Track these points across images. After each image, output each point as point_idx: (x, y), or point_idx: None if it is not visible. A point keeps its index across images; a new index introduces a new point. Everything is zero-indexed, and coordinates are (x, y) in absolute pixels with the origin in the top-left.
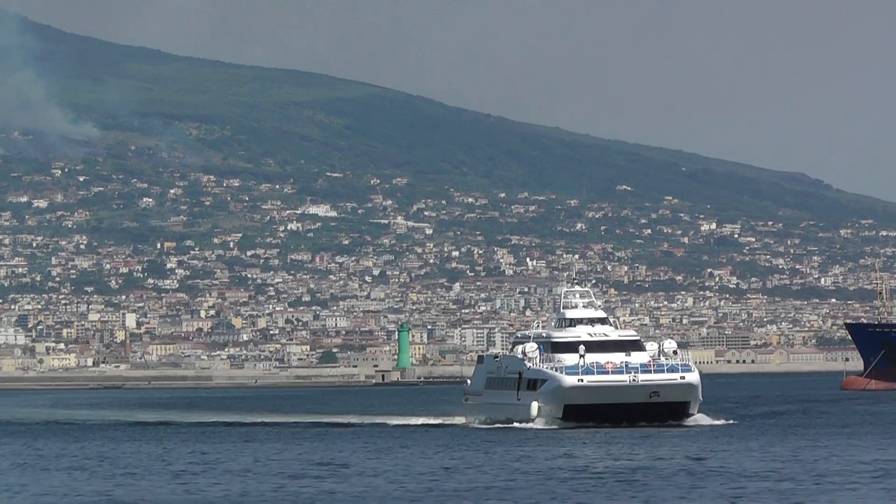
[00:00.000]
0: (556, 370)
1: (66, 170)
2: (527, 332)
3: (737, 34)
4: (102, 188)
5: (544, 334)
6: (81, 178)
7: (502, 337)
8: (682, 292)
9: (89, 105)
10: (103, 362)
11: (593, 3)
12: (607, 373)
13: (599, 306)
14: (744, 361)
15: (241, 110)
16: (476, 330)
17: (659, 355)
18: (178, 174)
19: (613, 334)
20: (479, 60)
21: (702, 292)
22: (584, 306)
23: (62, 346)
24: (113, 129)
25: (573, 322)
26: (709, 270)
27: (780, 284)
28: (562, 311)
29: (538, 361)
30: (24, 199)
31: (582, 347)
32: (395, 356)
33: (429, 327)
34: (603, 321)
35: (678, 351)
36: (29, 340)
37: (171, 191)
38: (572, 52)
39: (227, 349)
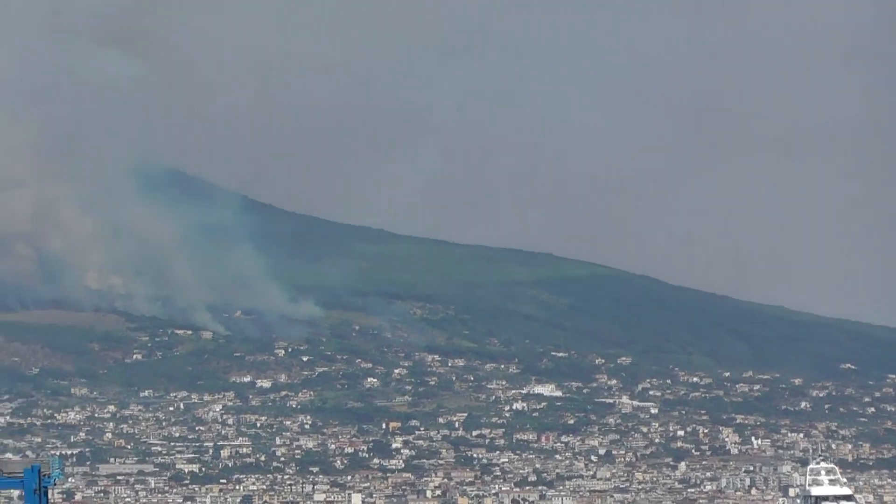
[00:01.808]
0: None
1: (290, 349)
2: None
3: None
4: (326, 368)
5: None
6: (305, 358)
7: None
8: None
9: (310, 284)
10: None
11: (816, 185)
12: None
13: (845, 483)
14: None
15: (464, 289)
16: None
17: None
18: (403, 354)
19: None
20: (701, 241)
21: None
22: (829, 483)
23: None
24: (335, 308)
25: (819, 500)
26: None
27: None
28: (808, 488)
29: None
30: (247, 378)
31: None
32: None
33: None
34: (849, 498)
35: None
36: None
37: (396, 370)
38: (796, 232)
39: None
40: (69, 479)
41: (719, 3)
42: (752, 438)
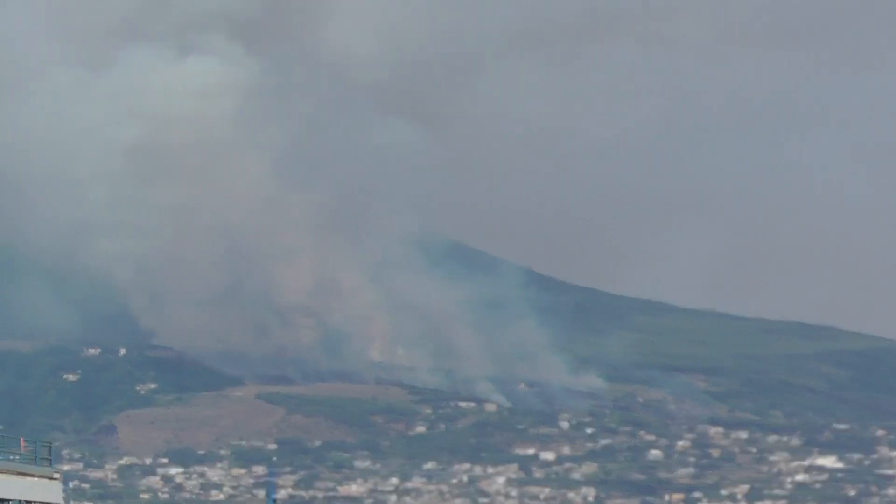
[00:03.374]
0: None
1: (573, 421)
2: None
3: None
4: (610, 440)
5: None
6: (588, 431)
7: None
8: None
9: (593, 356)
10: None
11: None
12: None
13: None
14: None
15: (746, 362)
16: None
17: None
18: (685, 426)
19: None
20: None
21: None
22: None
23: None
24: (618, 380)
25: None
26: None
27: None
28: None
29: None
30: (530, 450)
31: None
32: None
33: None
34: None
35: None
36: None
37: (679, 442)
38: None
39: None
40: None
41: None
42: None
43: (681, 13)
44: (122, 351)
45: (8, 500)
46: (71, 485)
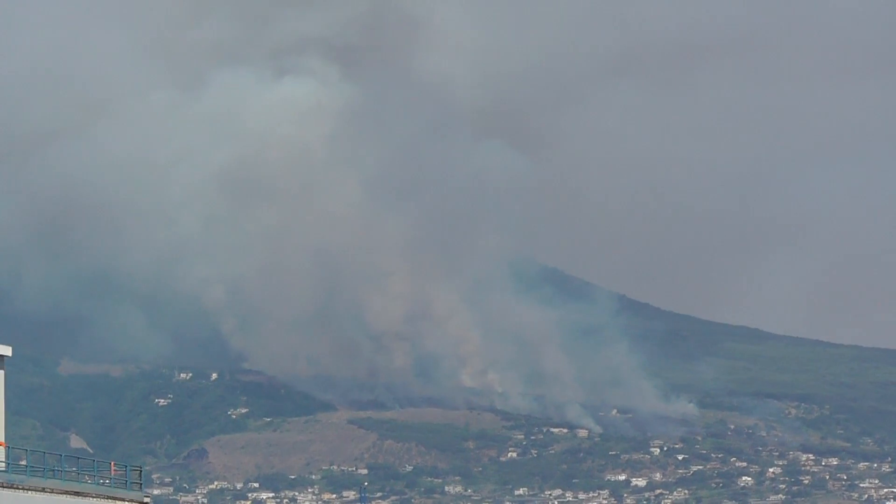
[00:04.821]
0: None
1: (665, 448)
2: None
3: None
4: (701, 466)
5: None
6: (680, 457)
7: None
8: None
9: (685, 383)
10: None
11: None
12: None
13: None
14: None
15: (838, 389)
16: None
17: None
18: (777, 453)
19: None
20: None
21: None
22: None
23: None
24: (710, 407)
25: None
26: None
27: None
28: None
29: None
30: (622, 477)
31: None
32: None
33: None
34: None
35: None
36: None
37: (770, 469)
38: None
39: None
40: None
41: None
42: None
43: (780, 43)
44: (214, 375)
45: None
46: None
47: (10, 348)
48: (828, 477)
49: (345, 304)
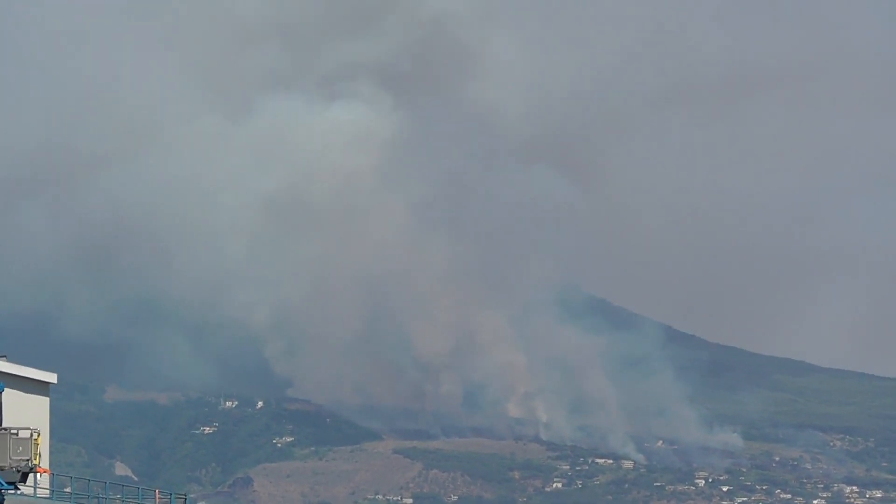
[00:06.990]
0: None
1: (710, 479)
2: None
3: None
4: (746, 498)
5: None
6: (725, 489)
7: None
8: None
9: (730, 414)
10: None
11: None
12: None
13: None
14: None
15: (883, 422)
16: None
17: None
18: (822, 485)
19: None
20: None
21: None
22: None
23: None
24: (755, 438)
25: None
26: None
27: None
28: None
29: None
30: None
31: None
32: None
33: None
34: None
35: None
36: None
37: (815, 501)
38: None
39: None
40: None
41: None
42: None
43: (831, 74)
44: (260, 403)
45: None
46: None
47: (56, 375)
48: None
49: (391, 332)
